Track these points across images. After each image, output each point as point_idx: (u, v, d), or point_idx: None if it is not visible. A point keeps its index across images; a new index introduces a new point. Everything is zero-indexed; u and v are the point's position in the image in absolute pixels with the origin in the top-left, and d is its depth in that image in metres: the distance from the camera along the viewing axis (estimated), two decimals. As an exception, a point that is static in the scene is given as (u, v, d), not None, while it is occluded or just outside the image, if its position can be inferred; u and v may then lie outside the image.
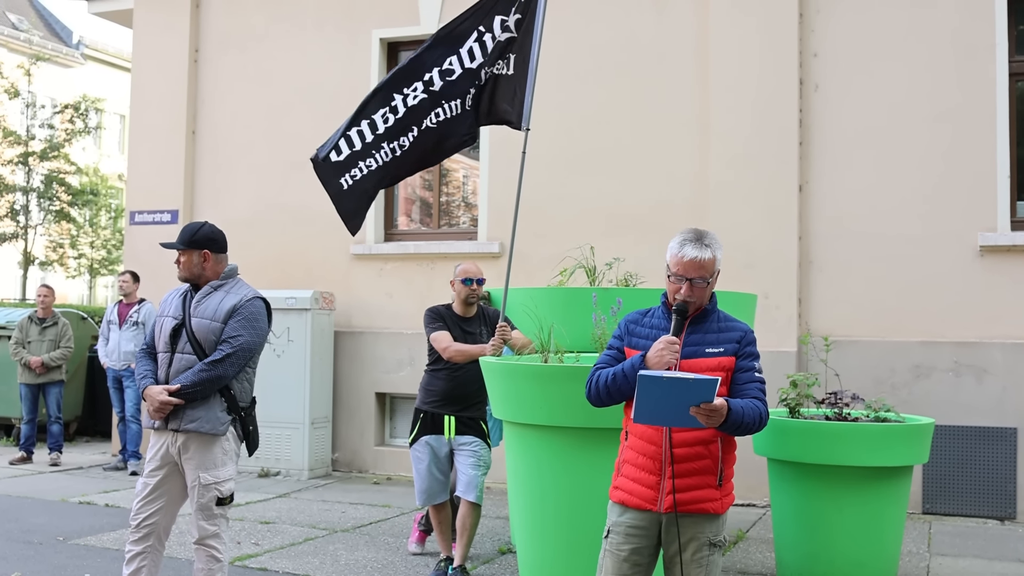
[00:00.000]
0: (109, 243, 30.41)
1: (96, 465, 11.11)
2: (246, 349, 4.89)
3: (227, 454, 4.93)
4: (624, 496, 3.87)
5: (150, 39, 12.18)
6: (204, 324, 4.90)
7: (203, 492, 4.86)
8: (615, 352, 3.97)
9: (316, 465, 10.50)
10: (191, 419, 4.84)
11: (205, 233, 5.05)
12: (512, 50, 6.47)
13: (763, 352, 8.47)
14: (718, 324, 3.90)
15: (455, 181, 11.83)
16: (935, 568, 6.89)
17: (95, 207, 29.84)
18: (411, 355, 10.47)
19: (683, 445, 3.76)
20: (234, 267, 5.15)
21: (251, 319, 4.94)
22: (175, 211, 11.72)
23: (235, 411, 4.94)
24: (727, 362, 3.80)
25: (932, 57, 9.02)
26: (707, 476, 3.79)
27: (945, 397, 8.74)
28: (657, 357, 3.71)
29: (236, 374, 4.90)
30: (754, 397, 3.76)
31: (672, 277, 3.85)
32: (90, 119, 27.61)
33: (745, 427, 3.69)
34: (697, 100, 9.68)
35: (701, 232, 3.89)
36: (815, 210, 9.29)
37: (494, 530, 7.85)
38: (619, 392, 3.82)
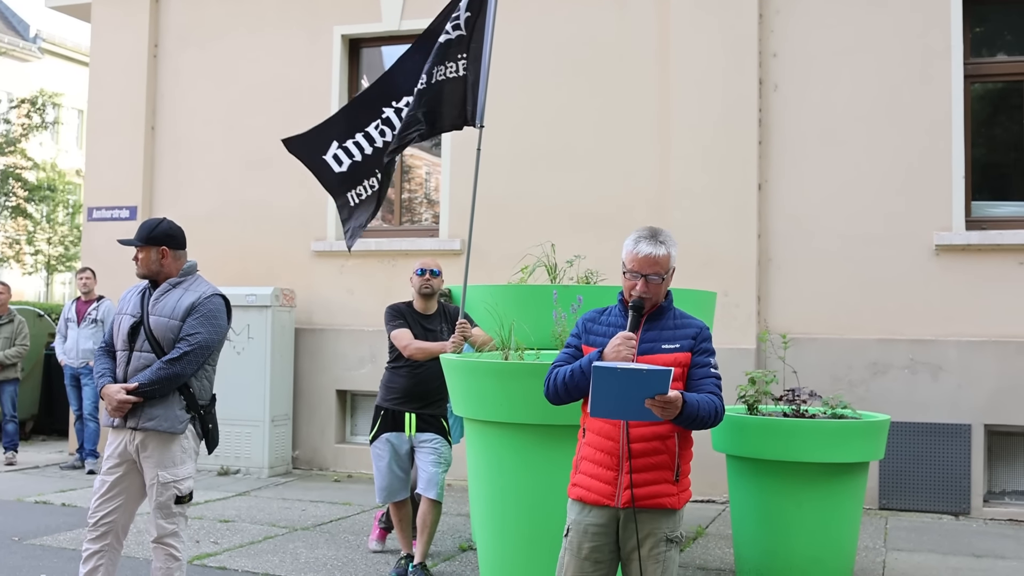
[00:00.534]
0: (67, 239, 30.03)
1: (53, 464, 11.00)
2: (204, 347, 4.85)
3: (186, 452, 4.90)
4: (582, 492, 3.89)
5: (108, 34, 12.06)
6: (162, 322, 4.86)
7: (161, 490, 4.83)
8: (573, 350, 4.01)
9: (276, 463, 10.46)
10: (149, 417, 4.80)
11: (163, 229, 5.00)
12: (463, 50, 6.46)
13: (722, 349, 8.54)
14: (674, 321, 3.95)
15: (417, 178, 11.81)
16: (891, 563, 6.98)
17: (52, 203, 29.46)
18: (372, 352, 10.45)
19: (640, 440, 3.79)
20: (193, 264, 5.10)
21: (209, 316, 4.90)
22: (134, 207, 11.62)
23: (194, 409, 4.90)
24: (683, 358, 3.84)
25: (890, 59, 9.12)
26: (664, 471, 3.82)
27: (901, 394, 8.85)
28: (614, 353, 3.74)
29: (194, 372, 4.86)
30: (710, 392, 3.80)
31: (628, 274, 3.89)
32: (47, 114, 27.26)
33: (701, 420, 3.73)
34: (658, 99, 9.73)
35: (656, 230, 3.94)
36: (774, 209, 9.37)
37: (455, 527, 7.85)
38: (577, 389, 3.85)
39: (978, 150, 9.25)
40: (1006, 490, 8.86)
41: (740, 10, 9.44)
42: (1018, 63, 9.17)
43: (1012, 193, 9.29)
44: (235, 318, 10.11)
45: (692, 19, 9.61)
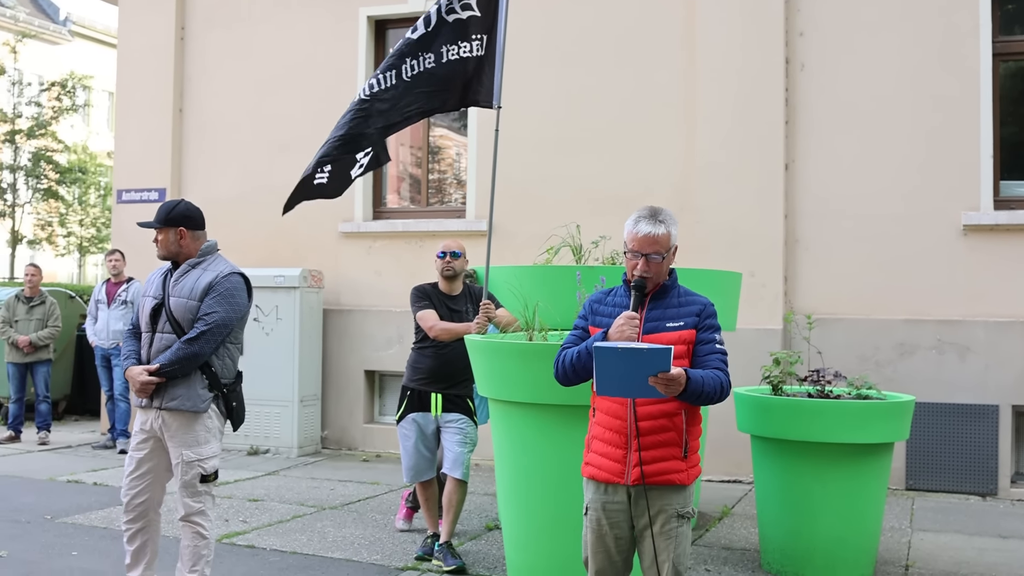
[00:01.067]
0: (98, 221, 30.33)
1: (85, 444, 11.15)
2: (221, 326, 4.90)
3: (210, 431, 4.97)
4: (594, 471, 3.96)
5: (136, 17, 12.14)
6: (181, 303, 4.92)
7: (186, 469, 4.91)
8: (580, 332, 4.08)
9: (305, 443, 10.56)
10: (172, 397, 4.88)
11: (181, 211, 5.05)
12: (481, 30, 6.44)
13: (748, 330, 8.60)
14: (678, 299, 4.00)
15: (446, 159, 11.84)
16: (916, 543, 6.97)
17: (84, 185, 29.74)
18: (400, 333, 10.51)
19: (647, 418, 3.85)
20: (212, 244, 5.14)
21: (226, 295, 4.94)
22: (162, 189, 11.71)
23: (216, 388, 4.96)
24: (688, 335, 3.90)
25: (917, 37, 9.05)
26: (672, 448, 3.87)
27: (928, 375, 8.81)
28: (618, 333, 3.81)
29: (213, 351, 4.91)
30: (715, 368, 3.85)
31: (629, 254, 3.96)
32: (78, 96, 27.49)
33: (706, 396, 3.77)
34: (683, 79, 9.70)
35: (656, 209, 4.01)
36: (801, 189, 9.33)
37: (481, 507, 7.91)
38: (584, 369, 3.91)
39: (1007, 129, 9.16)
40: (1034, 471, 8.84)
41: (767, -11, 9.39)
42: (1049, 41, 9.08)
43: (1041, 172, 9.21)
44: (264, 299, 10.38)
45: None
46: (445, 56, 6.41)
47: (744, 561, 6.45)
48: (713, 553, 6.64)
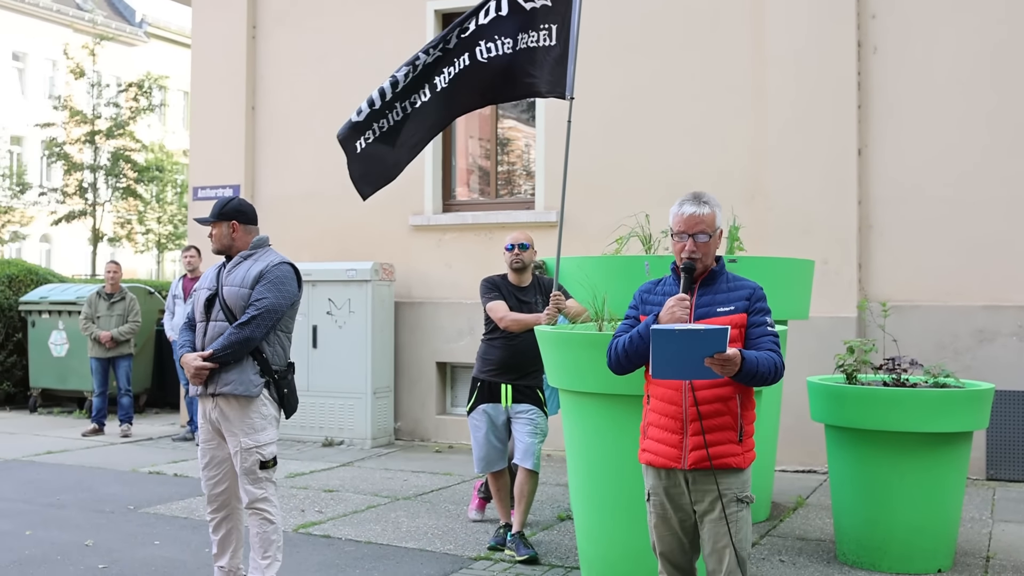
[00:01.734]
0: (176, 218, 30.89)
1: (165, 436, 11.39)
2: (272, 311, 5.04)
3: (265, 418, 5.10)
4: (651, 457, 4.03)
5: (209, 17, 12.34)
6: (234, 291, 5.09)
7: (245, 456, 5.04)
8: (632, 321, 4.14)
9: (379, 434, 10.66)
10: (225, 382, 5.03)
11: (234, 206, 5.27)
12: (551, 20, 6.43)
13: (822, 318, 8.50)
14: (727, 284, 4.05)
15: (515, 150, 11.85)
16: (997, 534, 6.83)
17: (161, 183, 30.30)
18: (470, 325, 10.55)
19: (703, 403, 3.90)
20: (264, 238, 5.33)
21: (276, 283, 5.10)
22: (236, 186, 11.90)
23: (268, 374, 5.10)
24: (739, 319, 3.95)
25: (993, 16, 8.83)
26: (728, 432, 3.93)
27: (1010, 362, 8.62)
28: (668, 315, 3.86)
29: (264, 335, 5.06)
30: (768, 349, 3.89)
31: (675, 236, 4.01)
32: (154, 96, 27.99)
33: (760, 377, 3.82)
34: (752, 65, 9.59)
35: (699, 192, 4.07)
36: (875, 174, 9.17)
37: (553, 497, 7.92)
38: (637, 355, 3.98)
39: (1090, 108, 8.91)
40: (1121, 460, 8.59)
41: (837, -29, 9.23)
42: None
43: None
44: (336, 293, 10.52)
45: (788, -18, 9.44)
46: (520, 44, 6.43)
47: (819, 552, 6.38)
48: (788, 544, 6.58)
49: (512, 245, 6.51)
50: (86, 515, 7.38)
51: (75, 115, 25.98)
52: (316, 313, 10.66)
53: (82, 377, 12.66)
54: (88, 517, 7.32)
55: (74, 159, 26.34)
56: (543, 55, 6.45)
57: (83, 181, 26.25)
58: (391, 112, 6.66)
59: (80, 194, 26.24)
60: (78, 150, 26.63)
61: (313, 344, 10.60)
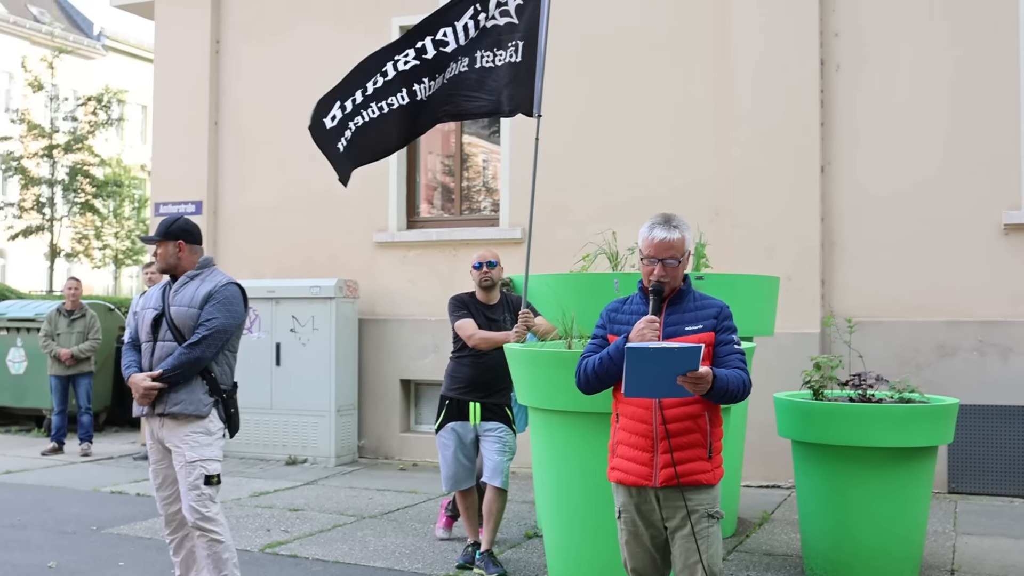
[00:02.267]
0: (133, 233, 30.61)
1: (126, 455, 11.25)
2: (221, 331, 5.07)
3: (211, 435, 5.10)
4: (621, 475, 4.06)
5: (172, 31, 12.26)
6: (182, 311, 5.09)
7: (189, 470, 5.02)
8: (599, 341, 4.18)
9: (343, 452, 10.59)
10: (175, 402, 5.03)
11: (180, 225, 5.28)
12: (516, 37, 6.45)
13: (786, 334, 8.55)
14: (694, 303, 4.10)
15: (476, 166, 11.86)
16: (961, 547, 6.90)
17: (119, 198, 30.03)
18: (435, 342, 10.53)
19: (673, 420, 3.95)
20: (209, 258, 5.36)
21: (225, 303, 5.12)
22: (199, 202, 11.81)
23: (216, 393, 5.11)
24: (707, 337, 4.00)
25: (955, 34, 8.96)
26: (697, 449, 3.98)
27: (970, 376, 8.72)
28: (639, 336, 3.90)
29: (214, 355, 5.08)
30: (736, 367, 3.96)
31: (645, 260, 4.05)
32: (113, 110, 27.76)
33: (730, 395, 3.90)
34: (717, 83, 9.66)
35: (669, 215, 4.09)
36: (838, 191, 9.27)
37: (520, 515, 7.90)
38: (607, 375, 4.02)
39: (1048, 126, 9.05)
40: (1080, 473, 8.71)
41: (800, -10, 9.34)
42: (1088, 36, 8.96)
43: (1083, 170, 9.08)
44: (300, 310, 10.46)
45: (752, 1, 9.51)
46: (479, 62, 6.44)
47: (786, 567, 6.40)
48: (754, 559, 6.60)
49: (480, 264, 6.50)
50: (48, 536, 7.26)
51: (33, 129, 25.72)
52: (280, 330, 10.58)
53: (41, 395, 12.49)
54: (50, 538, 7.20)
55: (31, 173, 26.06)
56: (510, 72, 6.46)
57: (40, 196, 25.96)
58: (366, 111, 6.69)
59: (37, 209, 25.94)
60: (35, 164, 26.34)
61: (276, 362, 10.52)
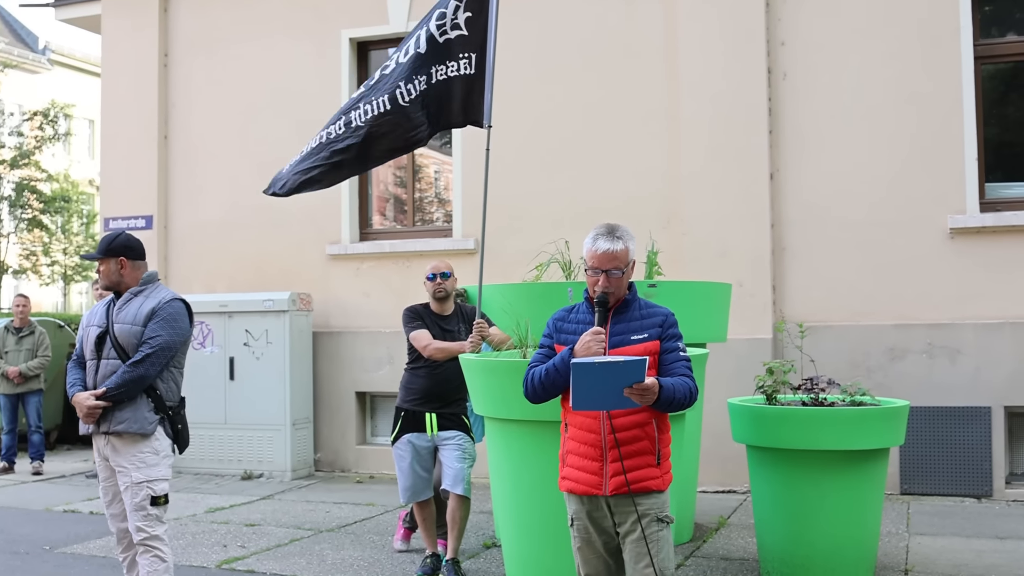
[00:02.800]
0: (82, 249, 30.21)
1: (78, 473, 11.10)
2: (165, 348, 5.02)
3: (158, 454, 5.05)
4: (572, 484, 4.10)
5: (119, 45, 12.14)
6: (126, 328, 5.04)
7: (136, 491, 4.98)
8: (546, 350, 4.21)
9: (299, 466, 10.53)
10: (119, 421, 4.98)
11: (121, 241, 5.22)
12: (469, 49, 6.48)
13: (739, 340, 8.63)
14: (640, 312, 4.13)
15: (428, 177, 11.86)
16: (914, 547, 6.99)
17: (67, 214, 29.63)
18: (390, 354, 10.50)
19: (622, 429, 3.99)
20: (153, 273, 5.32)
21: (169, 319, 5.07)
22: (149, 216, 11.69)
23: (162, 410, 5.07)
24: (653, 346, 4.05)
25: (899, 43, 9.11)
26: (646, 456, 4.03)
27: (920, 379, 8.85)
28: (584, 349, 3.92)
29: (158, 373, 5.03)
30: (682, 375, 4.01)
31: (590, 271, 4.07)
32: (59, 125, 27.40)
33: (678, 403, 3.95)
34: (666, 92, 9.74)
35: (613, 226, 4.11)
36: (787, 197, 9.37)
37: (478, 525, 7.89)
38: (554, 386, 4.05)
39: (990, 131, 9.22)
40: (1028, 471, 8.88)
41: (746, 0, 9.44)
42: (1027, 43, 9.15)
43: (1025, 173, 9.27)
44: (253, 324, 10.39)
45: (699, 9, 9.62)
46: (435, 76, 6.45)
47: (743, 571, 6.45)
48: (711, 564, 6.64)
49: (434, 275, 6.50)
50: (0, 557, 7.16)
51: (-23, 145, 25.31)
52: (233, 345, 10.51)
53: (-11, 415, 12.27)
54: (2, 559, 7.08)
55: (-23, 190, 25.63)
56: (463, 84, 6.49)
57: (-14, 212, 25.55)
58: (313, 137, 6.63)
59: (-17, 226, 25.54)
60: (-19, 181, 25.92)
61: (230, 376, 10.44)
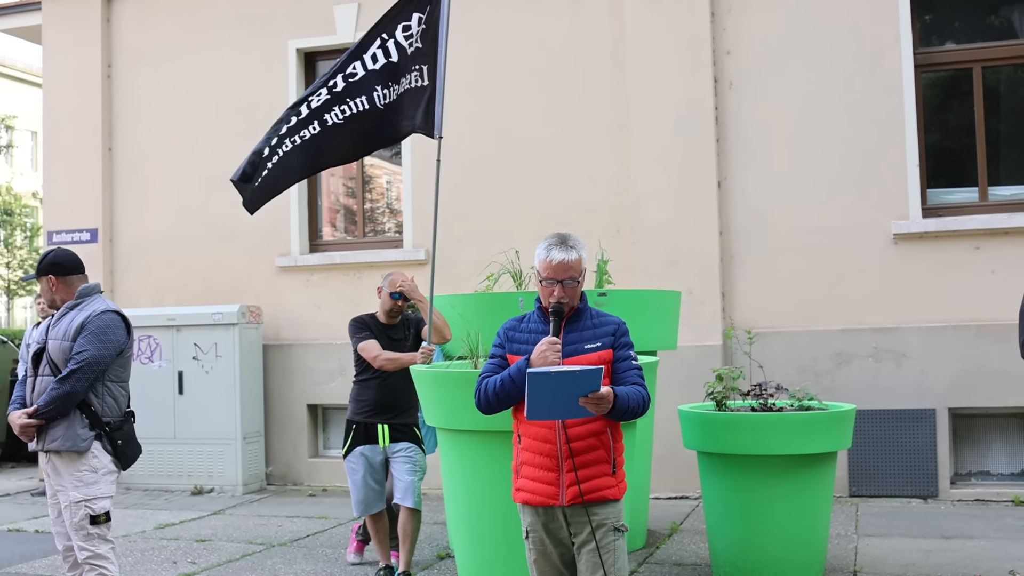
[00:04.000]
0: (26, 263, 29.79)
1: (23, 491, 10.91)
2: (92, 363, 4.94)
3: (96, 472, 4.99)
4: (527, 496, 4.08)
5: (61, 56, 11.98)
6: (56, 344, 5.01)
7: (74, 511, 4.94)
8: (498, 360, 4.17)
9: (250, 480, 10.43)
10: (52, 439, 4.94)
11: (49, 260, 5.20)
12: (421, 60, 6.52)
13: (689, 347, 8.70)
14: (592, 321, 4.14)
15: (379, 188, 11.83)
16: (863, 548, 7.08)
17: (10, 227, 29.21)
18: (342, 366, 10.44)
19: (578, 439, 3.99)
20: (93, 285, 5.25)
21: (97, 333, 5.00)
22: (94, 230, 11.54)
23: (98, 427, 5.00)
24: (606, 355, 4.06)
25: (841, 52, 9.25)
26: (602, 465, 4.03)
27: (867, 382, 8.97)
28: (541, 359, 3.92)
29: (87, 389, 4.94)
30: (635, 383, 4.03)
31: (544, 281, 4.06)
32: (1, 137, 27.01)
33: (631, 411, 3.96)
34: (615, 102, 9.80)
35: (565, 235, 4.11)
36: (735, 205, 9.46)
37: (431, 536, 7.88)
38: (508, 397, 4.02)
39: (931, 138, 9.38)
40: (972, 471, 9.01)
41: (692, 9, 9.53)
42: (966, 51, 9.30)
43: (965, 179, 9.40)
44: (202, 337, 10.30)
45: (645, 20, 9.69)
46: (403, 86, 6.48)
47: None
48: (665, 570, 6.68)
49: (399, 294, 6.44)
50: (-59, 580, 7.02)
51: (-84, 158, 24.89)
52: (182, 358, 10.39)
53: (-69, 433, 12.06)
54: (-57, 582, 6.97)
55: (-84, 204, 25.20)
56: (417, 96, 6.52)
57: (-74, 227, 25.11)
58: (280, 148, 6.60)
59: (-77, 240, 25.09)
60: (-80, 194, 25.49)
61: (179, 390, 10.33)
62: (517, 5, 10.19)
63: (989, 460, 8.99)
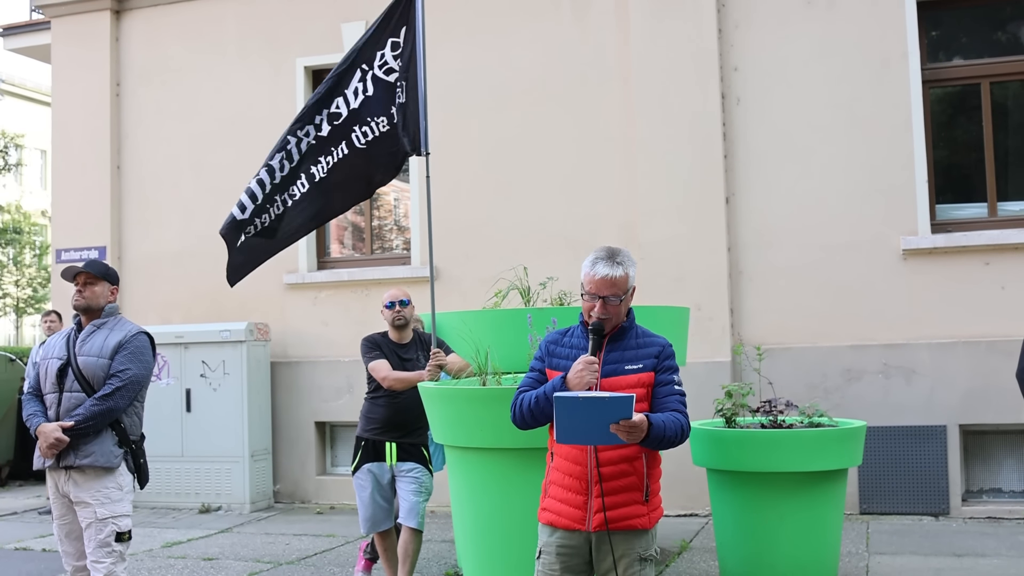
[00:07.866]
0: (35, 281, 29.87)
1: (31, 509, 10.90)
2: (135, 382, 5.00)
3: (122, 489, 5.01)
4: (552, 517, 3.89)
5: (70, 75, 12.03)
6: (91, 361, 4.99)
7: (100, 528, 4.92)
8: (537, 374, 3.99)
9: (258, 498, 10.41)
10: (85, 454, 4.92)
11: (114, 270, 5.29)
12: (399, 78, 6.46)
13: (697, 363, 8.66)
14: (636, 340, 3.92)
15: (387, 205, 11.83)
16: (874, 567, 7.03)
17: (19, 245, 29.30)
18: (349, 383, 10.42)
19: (608, 464, 3.79)
20: (115, 306, 5.28)
21: (137, 353, 5.05)
22: (102, 247, 11.56)
23: (126, 444, 5.02)
24: (647, 378, 3.84)
25: (848, 67, 9.24)
26: (634, 493, 3.82)
27: (876, 399, 8.93)
28: (577, 378, 3.71)
29: (127, 406, 5.00)
30: (674, 410, 3.80)
31: (586, 296, 3.86)
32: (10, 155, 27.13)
33: (667, 441, 3.73)
34: (623, 118, 9.80)
35: (614, 250, 3.89)
36: (743, 221, 9.45)
37: (440, 554, 7.84)
38: (543, 414, 3.82)
39: (939, 153, 9.36)
40: (983, 488, 8.95)
41: (700, 26, 9.53)
42: (973, 66, 9.30)
43: (974, 195, 9.38)
44: (210, 355, 10.29)
45: (653, 37, 9.70)
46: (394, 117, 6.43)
47: (706, 595, 6.46)
48: (675, 589, 6.65)
49: (392, 303, 6.46)
50: (-52, 599, 7.01)
51: (-74, 176, 24.99)
52: (189, 376, 10.39)
53: (-61, 451, 12.06)
54: (-50, 601, 6.95)
55: (-75, 222, 25.29)
56: (399, 115, 6.47)
57: (-64, 245, 25.20)
58: (272, 206, 6.60)
59: (-67, 259, 25.18)
60: (-70, 212, 25.59)
61: (187, 408, 10.32)
62: (523, 22, 10.20)
63: (1001, 477, 8.93)
